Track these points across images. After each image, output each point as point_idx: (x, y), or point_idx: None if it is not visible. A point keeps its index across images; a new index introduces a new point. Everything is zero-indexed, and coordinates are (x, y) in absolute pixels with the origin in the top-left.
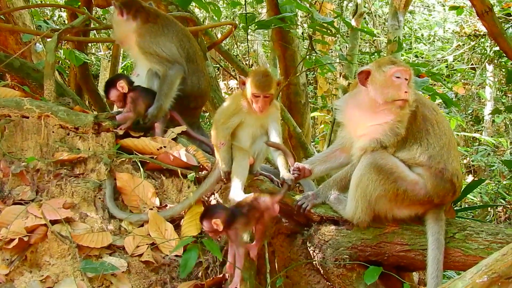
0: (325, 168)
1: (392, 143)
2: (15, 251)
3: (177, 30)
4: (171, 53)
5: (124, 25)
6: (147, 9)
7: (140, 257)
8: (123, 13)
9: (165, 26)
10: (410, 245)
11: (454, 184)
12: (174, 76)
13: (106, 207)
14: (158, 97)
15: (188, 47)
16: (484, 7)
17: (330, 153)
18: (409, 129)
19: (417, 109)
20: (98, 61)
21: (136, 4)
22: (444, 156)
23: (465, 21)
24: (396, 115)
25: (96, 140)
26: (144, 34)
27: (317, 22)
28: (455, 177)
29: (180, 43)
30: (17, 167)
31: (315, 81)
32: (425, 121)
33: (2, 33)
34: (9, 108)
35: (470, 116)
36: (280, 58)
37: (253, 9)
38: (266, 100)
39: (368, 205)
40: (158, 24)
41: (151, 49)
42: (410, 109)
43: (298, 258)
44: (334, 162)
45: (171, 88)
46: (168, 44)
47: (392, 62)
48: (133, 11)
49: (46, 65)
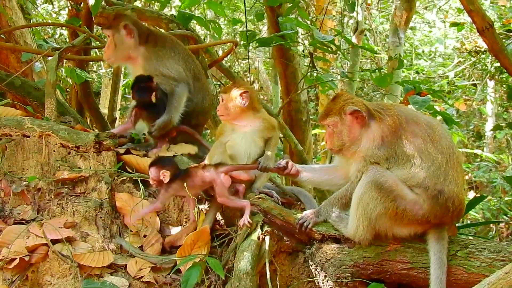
0: (313, 177)
1: (380, 160)
2: (16, 270)
3: (182, 51)
4: (178, 73)
5: (131, 47)
6: (155, 33)
7: (141, 277)
8: (132, 34)
9: (172, 48)
10: (412, 263)
11: (448, 209)
12: (181, 93)
13: (107, 226)
14: (168, 110)
15: (193, 67)
16: (484, 23)
17: (324, 167)
18: (395, 145)
19: (400, 123)
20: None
21: (146, 28)
22: (441, 178)
23: (466, 37)
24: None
25: (97, 159)
26: (151, 57)
27: (318, 40)
28: (450, 201)
29: (186, 64)
30: (18, 186)
31: (316, 98)
32: (415, 138)
33: (3, 51)
34: (10, 127)
35: (471, 132)
36: (281, 76)
37: (254, 26)
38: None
39: (369, 223)
40: (166, 48)
41: (157, 71)
42: (383, 125)
43: (300, 277)
44: (324, 175)
45: (179, 103)
46: (175, 65)
47: None
48: (144, 36)
49: (47, 84)
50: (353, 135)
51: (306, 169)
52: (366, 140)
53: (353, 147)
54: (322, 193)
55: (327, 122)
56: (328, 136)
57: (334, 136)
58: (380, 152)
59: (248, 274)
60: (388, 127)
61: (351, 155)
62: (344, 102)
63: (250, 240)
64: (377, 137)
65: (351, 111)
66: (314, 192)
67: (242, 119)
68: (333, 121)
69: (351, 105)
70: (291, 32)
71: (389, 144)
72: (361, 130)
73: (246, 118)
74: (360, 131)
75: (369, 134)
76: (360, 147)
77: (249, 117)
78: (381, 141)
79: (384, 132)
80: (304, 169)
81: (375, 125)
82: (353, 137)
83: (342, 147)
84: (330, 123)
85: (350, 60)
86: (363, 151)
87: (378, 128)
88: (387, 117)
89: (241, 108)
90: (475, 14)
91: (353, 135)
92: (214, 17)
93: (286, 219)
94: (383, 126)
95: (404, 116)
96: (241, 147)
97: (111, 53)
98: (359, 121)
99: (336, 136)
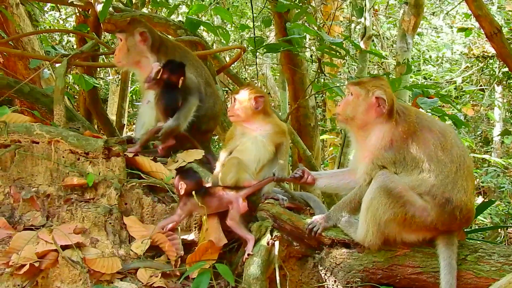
0: (330, 183)
1: (387, 164)
2: (26, 276)
3: (192, 58)
4: (191, 81)
5: (143, 53)
6: (166, 42)
7: (152, 284)
8: (147, 41)
9: (182, 58)
10: (421, 267)
11: (456, 217)
12: (191, 102)
13: (117, 232)
14: (178, 116)
15: (204, 73)
16: (493, 28)
17: (339, 172)
18: (405, 150)
19: (414, 130)
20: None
21: (158, 37)
22: (449, 186)
23: (474, 42)
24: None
25: (106, 165)
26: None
27: (326, 44)
28: (457, 210)
29: (197, 70)
30: (27, 192)
31: (324, 103)
32: (426, 145)
33: (12, 58)
34: (19, 133)
35: (479, 138)
36: (289, 81)
37: (261, 32)
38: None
39: (378, 228)
40: (176, 57)
41: None
42: (396, 128)
43: (309, 282)
44: (340, 180)
45: (189, 111)
46: (187, 74)
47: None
48: (157, 45)
49: (55, 90)
50: (365, 117)
51: (321, 175)
52: (374, 136)
53: (360, 132)
54: (331, 198)
55: (353, 90)
56: (344, 103)
57: (349, 105)
58: (387, 155)
59: (257, 279)
60: (400, 132)
61: (357, 130)
62: (380, 86)
63: (259, 245)
64: (386, 138)
65: (379, 96)
66: (323, 197)
67: (253, 122)
68: (358, 92)
69: (382, 92)
70: (299, 37)
71: (398, 149)
72: (374, 119)
73: (257, 122)
74: (373, 120)
75: (379, 132)
76: (366, 140)
77: (260, 121)
78: (390, 143)
79: (394, 136)
80: (320, 176)
81: (388, 126)
82: (364, 119)
83: (348, 119)
84: (355, 91)
85: (358, 65)
86: (370, 149)
87: (389, 130)
88: (404, 122)
89: (253, 111)
90: (483, 19)
91: (365, 118)
92: (221, 24)
93: (296, 224)
94: (395, 130)
95: (420, 123)
96: (252, 152)
97: (123, 57)
98: (377, 110)
99: (351, 106)
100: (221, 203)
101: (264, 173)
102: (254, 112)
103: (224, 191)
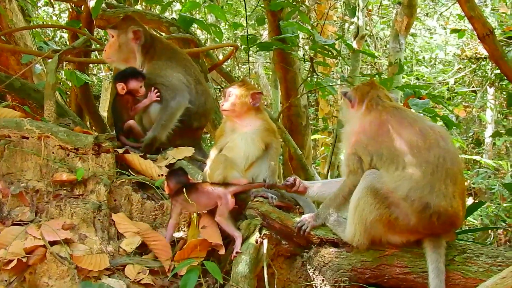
0: (321, 192)
1: (362, 152)
2: (14, 272)
3: (180, 58)
4: (178, 81)
5: (133, 51)
6: (156, 44)
7: (140, 280)
8: (139, 41)
9: (170, 59)
10: (410, 267)
11: (433, 223)
12: (175, 108)
13: (106, 228)
14: (155, 127)
15: (193, 71)
16: (485, 30)
17: (332, 181)
18: (378, 139)
19: (387, 120)
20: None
21: (149, 37)
22: (426, 190)
23: (466, 44)
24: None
25: (96, 161)
26: (149, 71)
27: (319, 44)
28: (435, 216)
29: (185, 69)
30: (16, 187)
31: (316, 103)
32: (401, 140)
33: (3, 53)
34: (9, 128)
35: (471, 139)
36: (281, 80)
37: (255, 30)
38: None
39: (365, 229)
40: (162, 59)
41: (156, 81)
42: (371, 116)
43: (297, 280)
44: (331, 189)
45: (170, 119)
46: (175, 74)
47: None
48: (147, 46)
49: (46, 86)
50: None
51: (313, 184)
52: (349, 127)
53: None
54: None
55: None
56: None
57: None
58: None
59: (246, 277)
60: (373, 118)
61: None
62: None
63: (248, 243)
64: (357, 124)
65: (344, 93)
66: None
67: (244, 118)
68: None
69: (346, 88)
70: (292, 36)
71: (371, 135)
72: (349, 111)
73: (248, 117)
74: (349, 112)
75: (353, 120)
76: (346, 130)
77: (251, 117)
78: (362, 130)
79: (365, 122)
80: (311, 185)
81: (361, 114)
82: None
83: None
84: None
85: (351, 65)
86: (348, 140)
87: (361, 117)
88: (377, 111)
89: (248, 107)
90: (476, 20)
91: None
92: (215, 21)
93: (285, 223)
94: (368, 116)
95: (399, 116)
96: (241, 149)
97: (113, 53)
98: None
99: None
100: (209, 199)
101: (253, 171)
102: (248, 108)
103: (213, 187)
